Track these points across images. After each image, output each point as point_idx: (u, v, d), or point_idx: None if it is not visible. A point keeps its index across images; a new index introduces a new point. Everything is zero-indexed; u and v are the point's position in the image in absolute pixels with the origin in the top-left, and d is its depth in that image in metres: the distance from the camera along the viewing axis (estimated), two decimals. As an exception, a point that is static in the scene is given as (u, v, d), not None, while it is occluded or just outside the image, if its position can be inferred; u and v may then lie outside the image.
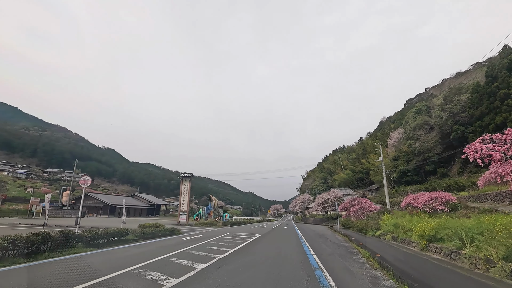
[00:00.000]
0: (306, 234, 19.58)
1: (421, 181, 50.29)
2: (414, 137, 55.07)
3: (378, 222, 19.52)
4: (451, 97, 48.26)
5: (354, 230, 23.63)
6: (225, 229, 24.40)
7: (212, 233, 18.84)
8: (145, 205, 48.80)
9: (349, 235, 17.79)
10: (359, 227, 21.81)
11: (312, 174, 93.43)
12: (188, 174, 30.94)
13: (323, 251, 10.63)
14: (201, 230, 22.76)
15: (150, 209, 50.04)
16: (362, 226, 20.68)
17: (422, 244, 10.55)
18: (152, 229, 16.29)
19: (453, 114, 44.80)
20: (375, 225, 19.19)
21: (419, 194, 22.36)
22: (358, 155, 77.00)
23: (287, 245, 12.57)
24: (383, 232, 17.10)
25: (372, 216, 22.90)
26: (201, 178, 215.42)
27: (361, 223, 21.82)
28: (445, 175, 45.61)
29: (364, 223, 20.88)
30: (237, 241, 13.31)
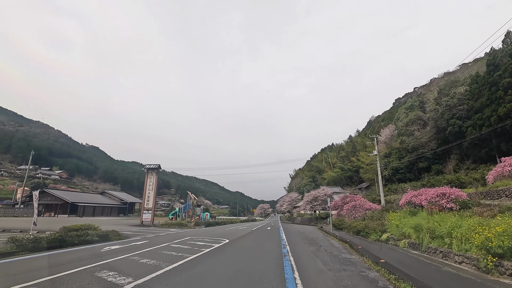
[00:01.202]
0: (291, 239, 14.88)
1: (414, 179, 46.87)
2: (406, 133, 51.66)
3: (383, 222, 15.01)
4: (446, 90, 45.06)
5: (349, 232, 19.23)
6: (194, 231, 19.53)
7: (166, 238, 13.84)
8: (116, 204, 43.12)
9: (347, 240, 13.22)
10: (356, 229, 17.39)
11: (300, 173, 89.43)
12: (155, 165, 25.79)
13: (320, 277, 5.88)
14: (161, 232, 17.69)
15: (122, 208, 44.18)
16: (361, 228, 16.20)
17: (486, 262, 5.96)
18: (77, 232, 11.27)
19: (449, 107, 41.35)
20: (379, 226, 14.68)
21: (421, 191, 17.89)
22: (347, 153, 73.44)
23: (259, 261, 7.76)
24: (391, 236, 12.65)
25: (372, 216, 18.46)
26: (188, 177, 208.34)
27: (359, 224, 17.34)
28: (440, 172, 42.18)
29: (364, 223, 16.39)
30: (181, 255, 8.39)
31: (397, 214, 15.91)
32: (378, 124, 76.89)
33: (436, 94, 49.12)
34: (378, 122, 75.71)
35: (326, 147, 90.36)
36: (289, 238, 14.77)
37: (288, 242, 12.66)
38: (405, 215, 14.59)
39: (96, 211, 39.13)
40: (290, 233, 18.96)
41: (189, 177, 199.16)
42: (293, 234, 18.16)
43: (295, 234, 18.73)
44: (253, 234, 17.08)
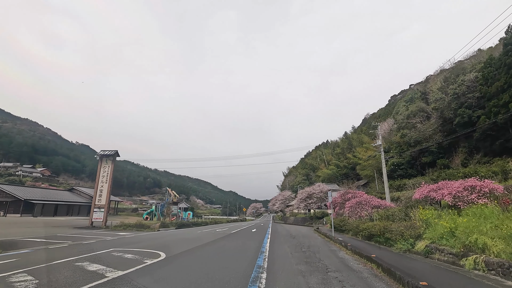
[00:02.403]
0: (277, 250, 9.50)
1: (416, 175, 42.22)
2: (408, 126, 47.07)
3: (413, 224, 9.89)
4: (452, 79, 40.65)
5: (356, 235, 14.23)
6: (148, 235, 14.23)
7: (75, 250, 8.43)
8: (86, 202, 37.30)
9: (370, 255, 8.00)
10: (368, 232, 12.37)
11: (294, 171, 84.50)
12: (110, 151, 20.37)
13: None
14: (98, 237, 12.29)
15: (91, 206, 38.27)
16: (378, 231, 11.10)
17: None
18: None
19: (457, 96, 36.73)
20: (409, 230, 9.53)
21: (441, 184, 14.21)
22: (343, 149, 68.75)
23: None
24: (439, 246, 7.59)
25: (387, 215, 13.42)
26: (180, 177, 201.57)
27: (372, 226, 12.32)
28: (446, 167, 37.49)
29: (381, 225, 11.26)
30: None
31: (428, 212, 10.91)
32: (374, 119, 72.38)
33: (442, 83, 44.73)
34: (374, 118, 71.32)
35: (320, 144, 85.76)
36: (274, 249, 9.55)
37: (268, 259, 7.41)
38: (441, 214, 9.72)
39: (59, 210, 33.31)
40: (278, 239, 13.78)
41: (182, 176, 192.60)
42: (282, 240, 13.01)
43: (284, 239, 13.59)
44: (223, 242, 11.84)
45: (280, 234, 16.38)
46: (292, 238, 14.10)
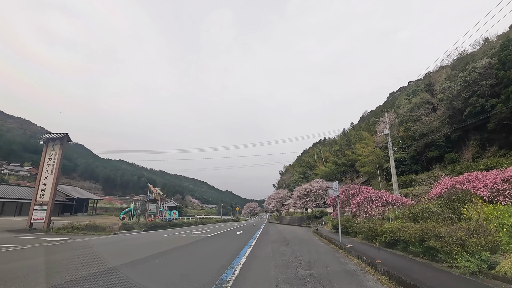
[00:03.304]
0: (254, 277, 5.25)
1: (421, 170, 38.65)
2: (412, 119, 43.46)
3: (484, 228, 5.79)
4: (461, 67, 37.14)
5: (369, 240, 10.38)
6: (94, 241, 10.20)
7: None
8: (59, 200, 32.96)
9: (413, 277, 3.91)
10: (392, 237, 8.44)
11: (291, 169, 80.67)
12: (58, 134, 16.33)
13: None
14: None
15: (67, 205, 33.90)
16: (411, 236, 7.05)
17: None
18: None
19: (468, 84, 33.08)
20: (477, 237, 5.38)
21: (469, 175, 11.82)
22: (341, 146, 65.08)
23: None
24: None
25: (416, 213, 9.52)
26: (177, 176, 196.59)
27: (402, 230, 8.21)
28: (454, 161, 33.83)
29: (419, 228, 7.19)
30: None
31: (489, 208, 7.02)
32: (373, 116, 68.86)
33: (445, 74, 41.22)
34: (375, 114, 67.78)
35: (318, 142, 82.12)
36: (250, 271, 5.47)
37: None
38: None
39: (24, 208, 29.08)
40: (265, 246, 9.73)
41: (178, 176, 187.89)
42: (270, 249, 8.91)
43: (274, 247, 9.50)
44: (182, 252, 7.81)
45: (270, 239, 12.45)
46: (285, 245, 10.18)
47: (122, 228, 14.57)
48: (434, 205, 9.49)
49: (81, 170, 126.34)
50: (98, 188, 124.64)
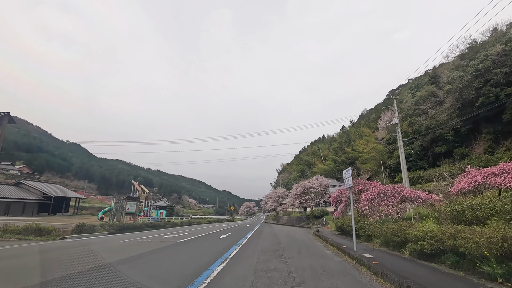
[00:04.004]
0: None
1: (427, 167, 35.78)
2: (416, 113, 40.56)
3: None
4: (471, 55, 34.32)
5: (391, 247, 7.31)
6: (8, 250, 7.11)
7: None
8: (36, 199, 29.70)
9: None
10: (430, 244, 5.37)
11: (288, 167, 77.60)
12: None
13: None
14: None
15: (44, 204, 30.47)
16: (480, 246, 3.78)
17: None
18: None
19: (480, 73, 30.16)
20: None
21: (507, 165, 9.09)
22: (340, 144, 62.18)
23: None
24: None
25: (462, 210, 6.27)
26: (174, 176, 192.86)
27: (455, 235, 4.91)
28: (464, 157, 30.90)
29: (499, 234, 3.88)
30: None
31: None
32: (375, 112, 66.13)
33: (452, 65, 38.39)
34: (375, 111, 65.00)
35: (316, 140, 79.08)
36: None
37: None
38: None
39: (13, 208, 25.74)
40: (249, 259, 6.58)
41: (175, 175, 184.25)
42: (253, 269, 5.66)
43: (261, 261, 6.33)
44: (124, 267, 4.87)
45: (260, 245, 9.33)
46: (278, 256, 7.04)
47: (77, 231, 11.44)
48: (491, 199, 6.48)
49: (76, 169, 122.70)
50: (93, 187, 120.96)
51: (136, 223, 18.14)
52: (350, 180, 7.76)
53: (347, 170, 8.08)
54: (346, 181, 8.11)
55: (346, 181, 8.11)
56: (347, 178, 8.02)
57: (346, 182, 8.11)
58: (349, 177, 7.89)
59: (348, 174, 7.91)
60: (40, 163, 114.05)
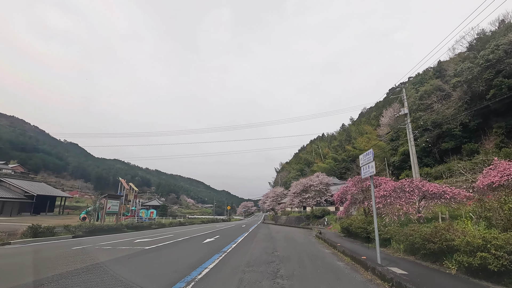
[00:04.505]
0: None
1: (432, 164, 33.72)
2: (421, 108, 38.51)
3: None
4: (480, 46, 32.33)
5: (418, 255, 5.19)
6: None
7: None
8: (16, 198, 27.33)
9: None
10: (497, 258, 3.01)
11: (287, 166, 75.35)
12: None
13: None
14: None
15: (26, 204, 28.09)
16: None
17: None
18: None
19: (491, 63, 28.07)
20: None
21: None
22: (341, 142, 60.10)
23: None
24: None
25: None
26: (172, 176, 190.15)
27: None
28: (474, 153, 28.87)
29: None
30: None
31: None
32: (376, 109, 64.10)
33: (457, 58, 36.42)
34: (377, 108, 62.92)
35: (316, 138, 76.94)
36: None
37: None
38: None
39: None
40: (228, 282, 4.40)
41: (174, 175, 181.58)
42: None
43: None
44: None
45: (251, 255, 7.06)
46: (272, 274, 4.82)
47: (29, 234, 9.24)
48: None
49: (72, 169, 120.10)
50: (89, 187, 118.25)
51: (118, 223, 15.88)
52: (371, 167, 5.54)
53: (366, 154, 5.88)
54: (365, 168, 5.89)
55: (365, 168, 5.89)
56: (366, 164, 5.80)
57: (365, 170, 5.89)
58: (369, 163, 5.67)
59: (369, 159, 5.70)
60: (36, 162, 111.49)
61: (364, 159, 5.96)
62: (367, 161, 5.76)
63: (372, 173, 5.51)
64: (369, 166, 5.73)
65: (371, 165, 5.56)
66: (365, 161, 5.91)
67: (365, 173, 5.92)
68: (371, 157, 5.65)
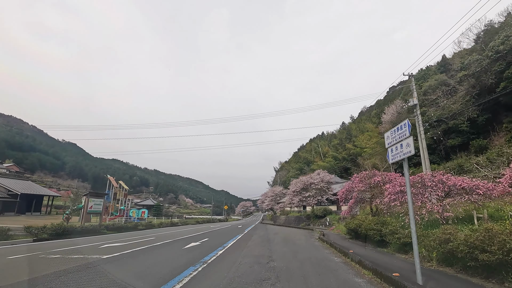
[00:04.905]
0: None
1: (438, 161, 32.05)
2: (425, 104, 36.72)
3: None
4: (487, 38, 30.68)
5: (456, 267, 3.31)
6: None
7: None
8: None
9: None
10: None
11: (286, 165, 73.55)
12: None
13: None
14: None
15: (10, 203, 26.19)
16: None
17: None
18: None
19: (501, 55, 26.43)
20: None
21: None
22: (341, 140, 58.35)
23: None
24: None
25: None
26: (171, 176, 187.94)
27: None
28: (482, 149, 27.22)
29: None
30: None
31: None
32: (377, 107, 62.38)
33: (462, 51, 34.81)
34: (378, 106, 61.28)
35: (315, 137, 75.16)
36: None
37: None
38: None
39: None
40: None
41: (173, 175, 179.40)
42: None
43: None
44: None
45: (237, 268, 5.23)
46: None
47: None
48: None
49: (69, 168, 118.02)
50: (86, 187, 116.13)
51: (102, 224, 14.04)
52: (408, 145, 3.77)
53: (397, 128, 4.11)
54: (395, 149, 4.12)
55: (395, 149, 4.12)
56: (397, 142, 4.03)
57: (395, 151, 4.11)
58: (402, 140, 3.90)
59: (402, 134, 3.94)
60: (32, 162, 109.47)
61: (394, 136, 4.19)
62: (400, 137, 4.00)
63: (409, 153, 3.77)
64: (402, 145, 3.96)
65: (407, 143, 3.81)
66: (395, 139, 4.14)
67: (395, 155, 4.15)
68: (406, 132, 3.89)
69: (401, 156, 3.97)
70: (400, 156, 4.03)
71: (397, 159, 4.14)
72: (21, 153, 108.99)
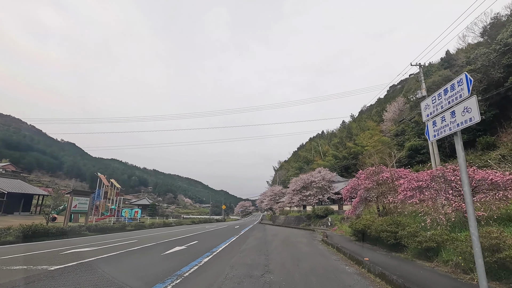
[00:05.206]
0: None
1: (442, 160, 30.52)
2: (429, 100, 35.22)
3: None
4: (495, 31, 29.47)
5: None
6: None
7: None
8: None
9: None
10: None
11: (286, 165, 72.24)
12: None
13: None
14: None
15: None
16: None
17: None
18: None
19: (510, 48, 25.21)
20: None
21: None
22: (341, 139, 57.14)
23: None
24: None
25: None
26: (170, 176, 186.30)
27: None
28: (490, 146, 26.04)
29: None
30: None
31: None
32: (378, 105, 61.16)
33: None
34: (379, 104, 60.07)
35: (315, 136, 73.92)
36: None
37: None
38: None
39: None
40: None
41: (172, 175, 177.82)
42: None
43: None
44: None
45: (221, 283, 3.95)
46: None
47: None
48: None
49: (67, 168, 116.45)
50: (84, 186, 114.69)
51: (81, 224, 12.73)
52: (467, 109, 2.43)
53: (447, 88, 2.75)
54: (440, 121, 2.75)
55: (440, 121, 2.75)
56: (445, 109, 2.67)
57: (439, 123, 2.75)
58: (460, 102, 2.55)
59: (459, 95, 2.58)
60: (29, 161, 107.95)
61: (440, 102, 2.86)
62: (453, 101, 2.67)
63: (469, 121, 2.47)
64: (454, 113, 2.63)
65: (465, 107, 2.49)
66: (441, 106, 2.82)
67: (441, 128, 2.82)
68: (463, 91, 2.57)
69: (455, 128, 2.66)
70: (451, 129, 2.73)
71: (446, 132, 2.84)
72: (18, 152, 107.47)
